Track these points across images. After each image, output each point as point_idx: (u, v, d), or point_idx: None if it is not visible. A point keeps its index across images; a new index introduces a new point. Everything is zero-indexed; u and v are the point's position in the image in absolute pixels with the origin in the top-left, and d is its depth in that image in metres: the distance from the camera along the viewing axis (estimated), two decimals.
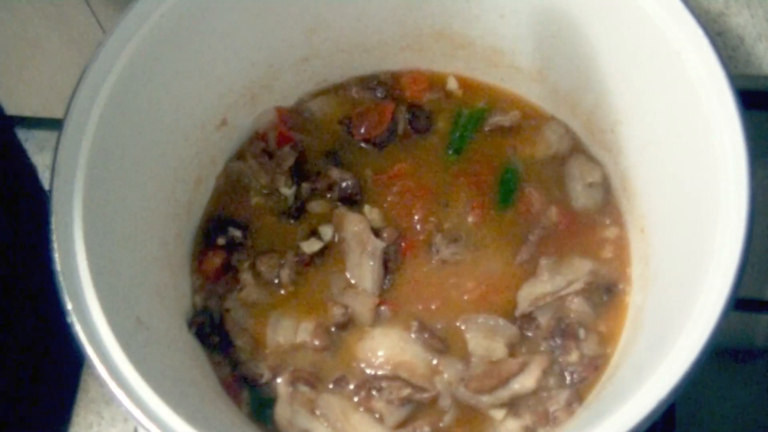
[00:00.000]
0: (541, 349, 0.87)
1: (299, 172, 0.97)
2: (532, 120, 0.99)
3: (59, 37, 1.88)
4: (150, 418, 0.68)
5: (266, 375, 0.87)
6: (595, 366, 0.86)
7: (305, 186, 0.96)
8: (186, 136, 0.91)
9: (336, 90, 1.02)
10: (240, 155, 0.99)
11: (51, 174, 0.75)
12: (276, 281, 0.92)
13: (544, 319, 0.88)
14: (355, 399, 0.86)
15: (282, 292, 0.92)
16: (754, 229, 0.70)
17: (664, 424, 0.91)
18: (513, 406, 0.85)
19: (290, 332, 0.89)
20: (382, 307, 0.90)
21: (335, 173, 0.96)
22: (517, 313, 0.88)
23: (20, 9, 1.81)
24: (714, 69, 0.75)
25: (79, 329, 0.70)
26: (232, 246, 0.94)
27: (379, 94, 1.01)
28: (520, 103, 1.00)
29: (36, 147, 2.53)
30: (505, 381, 0.85)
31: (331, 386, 0.86)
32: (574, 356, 0.86)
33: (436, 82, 1.02)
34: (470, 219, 0.94)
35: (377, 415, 0.85)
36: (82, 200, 0.74)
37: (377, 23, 0.97)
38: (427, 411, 0.85)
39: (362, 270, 0.90)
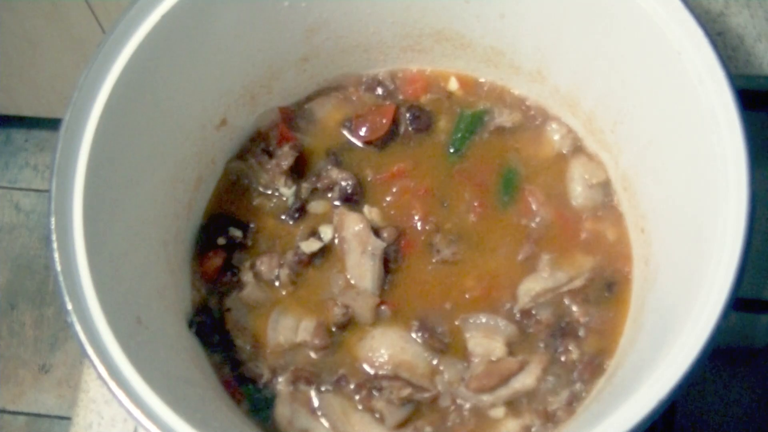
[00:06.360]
0: (541, 347, 0.87)
1: (299, 172, 0.97)
2: (532, 120, 0.99)
3: (59, 37, 1.88)
4: (150, 418, 0.68)
5: (266, 374, 0.87)
6: (596, 365, 0.86)
7: (305, 186, 0.96)
8: (186, 136, 0.91)
9: (336, 90, 1.02)
10: (240, 155, 0.99)
11: (51, 174, 0.75)
12: (276, 281, 0.92)
13: (544, 316, 0.88)
14: (356, 398, 0.86)
15: (282, 291, 0.92)
16: (754, 229, 0.70)
17: (664, 424, 0.91)
18: (513, 405, 0.85)
19: (291, 332, 0.89)
20: (383, 307, 0.90)
21: (335, 173, 0.96)
22: (517, 308, 0.88)
23: (20, 9, 1.81)
24: (714, 69, 0.75)
25: (79, 329, 0.70)
26: (232, 246, 0.94)
27: (379, 95, 1.01)
28: (520, 103, 1.00)
29: (36, 147, 2.54)
30: (505, 380, 0.85)
31: (331, 386, 0.86)
32: (574, 355, 0.86)
33: (436, 82, 1.02)
34: (471, 218, 0.94)
35: (377, 415, 0.85)
36: (82, 200, 0.74)
37: (377, 23, 0.97)
38: (427, 411, 0.85)
39: (362, 270, 0.90)
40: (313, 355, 0.88)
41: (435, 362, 0.87)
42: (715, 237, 0.71)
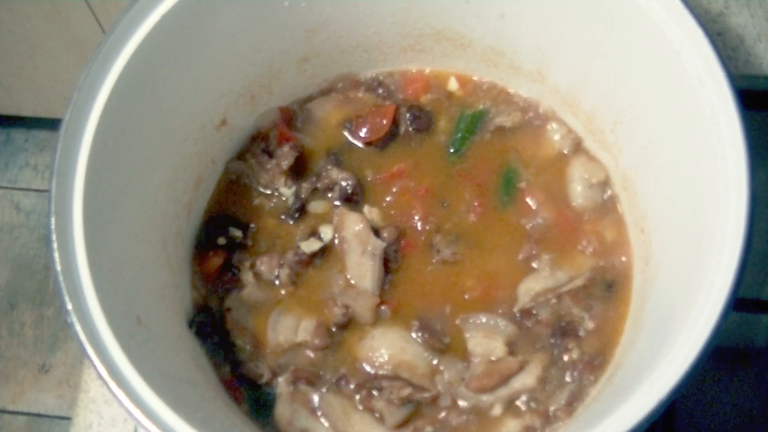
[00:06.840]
0: (541, 347, 0.87)
1: (299, 172, 0.97)
2: (532, 120, 0.99)
3: (59, 37, 1.88)
4: (150, 418, 0.68)
5: (266, 374, 0.87)
6: (595, 365, 0.86)
7: (305, 186, 0.96)
8: (186, 136, 0.91)
9: (336, 90, 1.02)
10: (240, 155, 0.99)
11: (51, 174, 0.75)
12: (276, 281, 0.92)
13: (544, 316, 0.88)
14: (356, 398, 0.86)
15: (282, 291, 0.92)
16: (754, 229, 0.70)
17: (664, 424, 0.91)
18: (513, 405, 0.85)
19: (291, 332, 0.89)
20: (383, 307, 0.90)
21: (335, 173, 0.96)
22: (517, 307, 0.88)
23: (20, 9, 1.81)
24: (714, 69, 0.75)
25: (79, 329, 0.70)
26: (232, 246, 0.94)
27: (379, 95, 1.01)
28: (520, 103, 1.00)
29: (36, 147, 2.54)
30: (505, 380, 0.85)
31: (331, 386, 0.86)
32: (574, 355, 0.86)
33: (436, 82, 1.02)
34: (471, 218, 0.94)
35: (378, 415, 0.85)
36: (82, 200, 0.74)
37: (377, 23, 0.97)
38: (427, 411, 0.85)
39: (362, 270, 0.90)
40: (313, 355, 0.88)
41: (435, 362, 0.87)
42: (715, 237, 0.71)
